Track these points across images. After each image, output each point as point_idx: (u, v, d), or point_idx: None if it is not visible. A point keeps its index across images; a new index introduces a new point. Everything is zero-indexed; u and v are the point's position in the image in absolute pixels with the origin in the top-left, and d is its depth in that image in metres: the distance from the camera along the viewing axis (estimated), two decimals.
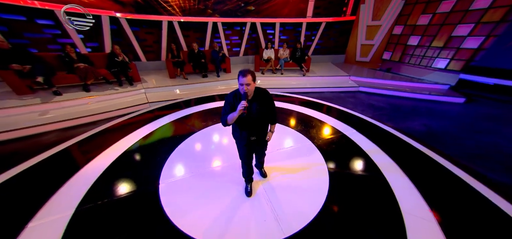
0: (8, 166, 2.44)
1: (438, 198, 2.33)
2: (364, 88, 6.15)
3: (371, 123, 4.08)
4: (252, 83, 1.61)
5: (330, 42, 8.83)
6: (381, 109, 5.02)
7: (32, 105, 3.75)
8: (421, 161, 3.01)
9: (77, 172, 2.45)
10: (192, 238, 1.81)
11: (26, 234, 1.75)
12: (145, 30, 6.38)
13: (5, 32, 4.65)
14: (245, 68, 1.58)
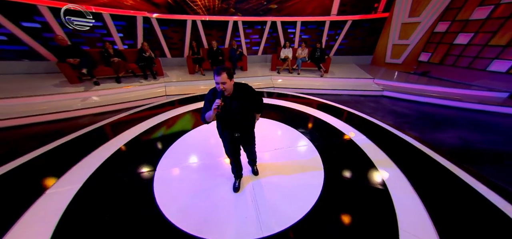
0: (47, 142, 2.94)
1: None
2: (389, 92, 5.50)
3: (388, 130, 3.64)
4: (228, 81, 1.55)
5: (356, 42, 8.12)
6: (405, 116, 4.43)
7: (77, 93, 4.44)
8: (444, 181, 2.55)
9: (95, 150, 2.82)
10: (171, 224, 1.91)
11: (43, 199, 2.09)
12: (172, 29, 6.88)
13: (69, 32, 5.60)
14: (219, 66, 1.55)
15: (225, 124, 1.84)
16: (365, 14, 7.47)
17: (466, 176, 2.56)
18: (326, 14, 7.49)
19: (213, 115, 1.61)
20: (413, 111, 4.71)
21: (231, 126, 1.84)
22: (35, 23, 5.23)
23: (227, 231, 1.87)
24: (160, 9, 6.43)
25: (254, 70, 6.99)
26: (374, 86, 5.87)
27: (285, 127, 3.65)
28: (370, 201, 2.23)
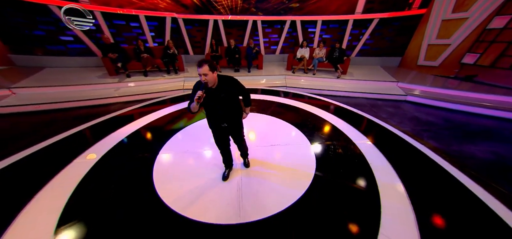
0: (80, 123, 3.51)
1: None
2: (413, 97, 4.91)
3: (399, 136, 3.29)
4: (210, 73, 1.63)
5: (383, 43, 7.41)
6: (428, 124, 3.92)
7: (113, 83, 5.18)
8: (457, 200, 2.22)
9: (115, 131, 3.28)
10: (161, 200, 2.13)
11: (71, 166, 2.55)
12: (196, 28, 7.36)
13: (113, 32, 6.54)
14: (202, 59, 1.65)
15: (211, 114, 1.93)
16: (396, 11, 6.74)
17: (493, 201, 2.17)
18: (351, 13, 7.01)
19: (195, 105, 1.69)
20: (440, 119, 4.12)
21: (217, 117, 1.92)
22: (91, 25, 6.26)
23: (208, 213, 2.00)
24: (188, 10, 6.95)
25: (270, 69, 7.01)
26: (397, 90, 5.30)
27: (286, 125, 3.62)
28: (355, 205, 2.09)
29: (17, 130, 3.42)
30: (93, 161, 2.63)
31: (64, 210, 1.98)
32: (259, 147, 3.00)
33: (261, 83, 5.89)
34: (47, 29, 5.95)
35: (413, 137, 3.29)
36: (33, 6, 5.42)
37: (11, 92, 4.39)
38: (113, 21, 6.48)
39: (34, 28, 5.85)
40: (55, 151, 2.85)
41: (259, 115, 3.95)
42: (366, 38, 7.28)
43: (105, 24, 6.27)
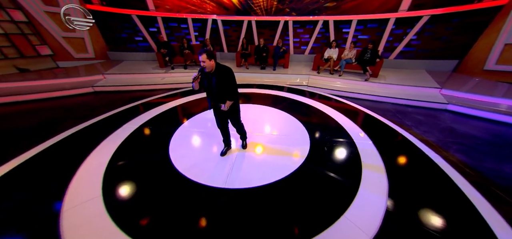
0: (128, 103, 4.53)
1: None
2: (456, 107, 4.11)
3: (418, 148, 2.92)
4: (208, 61, 2.00)
5: (435, 43, 6.29)
6: (464, 137, 3.31)
7: (160, 73, 6.35)
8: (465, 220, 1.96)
9: (154, 108, 4.13)
10: (171, 162, 2.68)
11: (121, 130, 3.43)
12: (233, 28, 8.06)
13: (168, 32, 7.95)
14: (203, 49, 2.05)
15: (208, 94, 2.30)
16: (460, 5, 5.58)
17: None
18: (394, 11, 6.26)
19: (195, 84, 2.09)
20: (485, 133, 3.37)
21: (213, 97, 2.29)
22: (154, 28, 7.81)
23: (202, 176, 2.41)
24: (229, 12, 7.69)
25: (296, 68, 7.03)
26: (437, 97, 4.51)
27: (292, 119, 3.73)
28: (333, 195, 2.12)
29: (102, 102, 4.72)
30: (133, 128, 3.46)
31: (112, 157, 2.77)
32: (260, 134, 3.26)
33: (283, 81, 6.01)
34: (128, 32, 7.76)
35: (431, 146, 2.89)
36: (122, 15, 7.21)
37: (103, 77, 6.02)
38: (169, 23, 7.85)
39: (122, 32, 7.74)
40: (114, 119, 3.85)
41: (269, 108, 4.17)
42: (410, 39, 6.36)
43: (163, 26, 7.68)
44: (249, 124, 3.19)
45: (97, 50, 7.70)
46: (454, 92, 4.53)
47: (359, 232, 1.74)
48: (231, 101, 2.28)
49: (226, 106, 2.28)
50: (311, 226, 1.80)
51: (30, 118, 3.87)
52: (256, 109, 4.17)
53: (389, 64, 6.78)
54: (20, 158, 2.64)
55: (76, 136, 3.23)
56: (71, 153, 2.80)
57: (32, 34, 6.20)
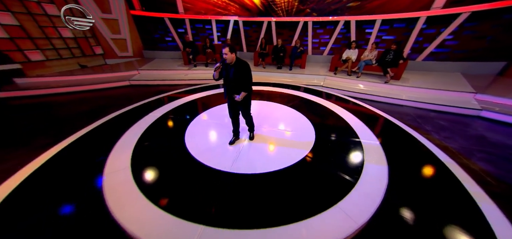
0: (156, 95, 5.14)
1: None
2: (492, 114, 3.67)
3: (435, 155, 2.76)
4: (230, 54, 2.27)
5: (476, 43, 5.58)
6: (495, 146, 3.01)
7: (184, 70, 6.97)
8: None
9: (173, 102, 4.63)
10: (186, 147, 3.04)
11: (147, 117, 3.96)
12: (253, 29, 8.34)
13: (193, 33, 8.65)
14: (226, 43, 2.32)
15: (225, 84, 2.56)
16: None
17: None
18: (426, 9, 5.74)
19: (215, 73, 2.41)
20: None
21: (229, 87, 2.55)
22: (182, 29, 8.59)
23: (211, 161, 2.70)
24: (251, 14, 8.01)
25: (313, 68, 6.99)
26: (469, 103, 4.07)
27: (300, 116, 3.82)
28: (331, 187, 2.19)
29: (136, 93, 5.46)
30: (158, 116, 3.97)
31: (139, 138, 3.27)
32: (267, 128, 3.45)
33: (298, 81, 6.05)
34: (160, 33, 8.70)
35: (447, 151, 2.70)
36: (156, 19, 8.13)
37: (138, 72, 6.91)
38: (195, 25, 8.53)
39: (155, 33, 8.71)
40: (144, 108, 4.44)
41: (280, 105, 4.31)
42: (443, 39, 5.77)
43: (189, 27, 8.37)
44: (258, 118, 3.39)
45: (135, 50, 8.78)
46: (493, 98, 4.02)
47: (349, 220, 1.81)
48: (245, 93, 2.51)
49: (240, 97, 2.52)
50: (305, 210, 1.93)
51: (84, 105, 4.71)
52: (267, 105, 4.35)
53: (417, 67, 6.26)
54: (75, 135, 3.30)
55: (115, 119, 3.86)
56: (111, 132, 3.38)
57: (91, 37, 7.40)
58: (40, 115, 4.15)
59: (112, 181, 2.35)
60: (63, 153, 2.88)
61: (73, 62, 6.95)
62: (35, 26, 5.88)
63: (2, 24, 5.25)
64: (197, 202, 2.08)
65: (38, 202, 2.11)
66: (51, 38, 6.28)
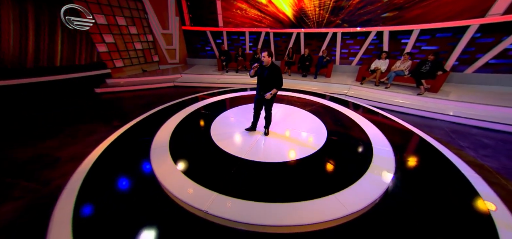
0: (191, 95, 6.00)
1: None
2: None
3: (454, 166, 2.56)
4: (267, 58, 2.72)
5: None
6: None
7: (217, 75, 7.86)
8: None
9: (210, 98, 5.35)
10: (211, 137, 3.58)
11: (178, 114, 4.74)
12: (283, 39, 8.79)
13: (229, 43, 9.68)
14: (265, 48, 2.79)
15: (258, 82, 3.02)
16: None
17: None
18: (480, 16, 5.11)
19: (252, 71, 2.89)
20: None
21: (261, 85, 2.99)
22: (219, 39, 9.74)
23: (229, 148, 3.14)
24: (283, 25, 8.52)
25: (339, 78, 6.91)
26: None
27: (315, 119, 3.95)
28: (332, 181, 2.33)
29: (178, 93, 6.53)
30: (192, 110, 4.70)
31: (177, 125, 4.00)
32: (283, 126, 3.72)
33: (322, 89, 6.11)
34: (201, 43, 10.06)
35: (479, 169, 2.43)
36: (200, 32, 9.51)
37: (181, 76, 8.18)
38: (231, 36, 9.54)
39: (198, 43, 10.13)
40: (183, 104, 5.30)
41: (298, 109, 4.52)
42: (504, 48, 4.96)
43: (226, 38, 9.41)
44: (275, 117, 3.71)
45: (181, 57, 10.31)
46: None
47: (341, 206, 1.95)
48: (276, 90, 2.91)
49: (270, 94, 2.91)
50: (304, 195, 2.14)
51: (142, 99, 5.93)
52: (286, 108, 4.62)
53: (466, 79, 5.51)
54: (135, 120, 4.25)
55: (162, 111, 4.76)
56: (158, 119, 4.23)
57: (153, 48, 9.19)
58: (116, 105, 5.46)
59: (156, 151, 3.04)
60: (128, 131, 3.79)
61: (138, 68, 8.69)
62: (122, 42, 7.77)
63: (106, 42, 7.24)
64: (214, 177, 2.52)
65: (115, 157, 2.94)
66: (129, 50, 8.12)
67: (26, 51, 5.44)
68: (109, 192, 2.34)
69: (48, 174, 2.70)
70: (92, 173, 2.63)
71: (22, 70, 5.42)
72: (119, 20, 7.53)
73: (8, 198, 2.27)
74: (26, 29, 5.35)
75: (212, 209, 2.01)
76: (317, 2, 7.52)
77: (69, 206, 2.12)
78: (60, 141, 3.50)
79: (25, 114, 4.64)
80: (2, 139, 3.54)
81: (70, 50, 6.34)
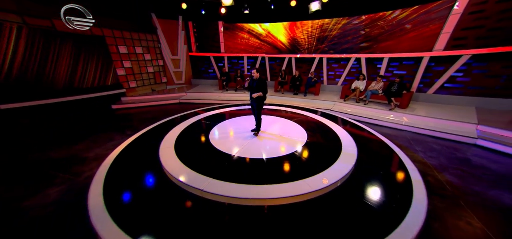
0: (189, 109, 6.80)
1: None
2: (488, 143, 3.72)
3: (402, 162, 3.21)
4: (256, 73, 3.70)
5: (488, 81, 5.54)
6: (475, 167, 3.20)
7: (218, 93, 8.75)
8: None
9: (210, 112, 6.10)
10: (210, 140, 4.26)
11: (181, 124, 5.48)
12: (277, 63, 9.89)
13: (229, 66, 10.81)
14: (256, 68, 3.66)
15: (249, 89, 3.89)
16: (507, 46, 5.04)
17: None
18: (428, 50, 6.18)
19: (246, 83, 3.82)
20: (504, 169, 3.04)
21: (251, 91, 3.85)
22: (221, 63, 10.89)
23: (223, 146, 3.80)
24: (279, 51, 9.64)
25: (325, 96, 7.77)
26: (469, 132, 4.14)
27: (299, 128, 4.65)
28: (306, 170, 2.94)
29: (182, 109, 7.34)
30: (194, 121, 5.43)
31: (181, 132, 4.69)
32: (274, 131, 4.41)
33: (310, 105, 6.91)
34: (205, 66, 11.20)
35: (420, 165, 3.07)
36: (205, 57, 10.71)
37: (185, 94, 9.08)
38: (231, 60, 10.70)
39: (202, 66, 11.28)
40: (186, 116, 6.06)
41: (286, 120, 5.24)
42: (455, 75, 5.89)
43: (227, 62, 10.55)
44: (265, 125, 4.42)
45: (187, 79, 11.36)
46: (493, 129, 4.02)
47: (306, 185, 2.57)
48: (261, 94, 3.77)
49: (257, 94, 3.78)
50: (279, 180, 2.76)
51: (150, 113, 6.70)
52: (277, 119, 5.34)
53: (430, 99, 6.36)
54: (144, 129, 4.97)
55: (168, 123, 5.48)
56: (164, 128, 4.93)
57: (162, 71, 10.29)
58: (128, 118, 6.22)
59: (164, 151, 3.69)
60: (139, 138, 4.48)
61: (148, 88, 9.66)
62: (137, 66, 8.90)
63: (125, 67, 8.38)
64: (209, 167, 3.14)
65: (128, 158, 3.58)
66: (142, 73, 9.21)
67: (74, 77, 6.82)
68: (126, 179, 2.97)
69: (79, 168, 3.33)
70: (112, 167, 3.27)
71: (70, 90, 6.71)
72: (137, 49, 8.79)
73: (53, 184, 2.89)
74: (77, 61, 6.78)
75: (208, 188, 2.62)
76: (305, 33, 8.76)
77: (99, 187, 2.74)
78: (86, 145, 4.18)
79: (60, 125, 5.42)
80: (45, 143, 4.28)
81: (100, 74, 7.48)
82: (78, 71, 6.88)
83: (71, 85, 6.77)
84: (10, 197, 2.65)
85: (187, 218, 2.30)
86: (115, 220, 2.21)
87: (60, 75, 6.45)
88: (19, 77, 5.61)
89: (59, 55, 6.33)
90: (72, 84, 6.79)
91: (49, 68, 6.18)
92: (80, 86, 6.99)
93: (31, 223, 2.23)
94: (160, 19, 9.51)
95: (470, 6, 5.38)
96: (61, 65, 6.43)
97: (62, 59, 6.40)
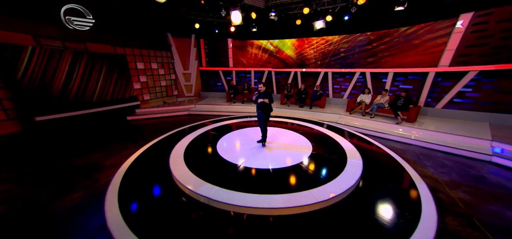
0: (199, 121, 7.03)
1: None
2: (505, 160, 3.57)
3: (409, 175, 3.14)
4: (262, 87, 3.90)
5: (500, 97, 5.39)
6: (493, 185, 3.06)
7: (226, 105, 9.00)
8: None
9: (217, 123, 6.28)
10: (216, 150, 4.37)
11: (191, 134, 5.66)
12: (283, 77, 10.13)
13: (237, 80, 11.19)
14: (262, 82, 3.87)
15: (258, 104, 4.01)
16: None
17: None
18: (433, 66, 6.19)
19: (254, 96, 3.99)
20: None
21: (258, 105, 4.00)
22: (229, 77, 11.32)
23: (229, 155, 3.88)
24: (289, 65, 9.92)
25: (331, 109, 7.78)
26: (483, 148, 3.98)
27: (305, 139, 4.68)
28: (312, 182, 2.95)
29: (192, 119, 7.59)
30: (202, 132, 5.60)
31: (190, 142, 4.85)
32: (280, 142, 4.46)
33: (316, 117, 6.95)
34: (214, 80, 11.67)
35: (431, 180, 2.99)
36: (214, 71, 11.21)
37: (194, 106, 9.43)
38: (239, 74, 11.09)
39: (211, 80, 11.76)
40: (195, 127, 6.26)
41: (292, 132, 5.29)
42: (464, 91, 5.80)
43: (235, 76, 10.94)
44: (272, 137, 4.49)
45: (196, 91, 11.82)
46: (509, 147, 3.85)
47: (311, 196, 2.57)
48: (267, 100, 3.93)
49: (261, 100, 3.94)
50: (285, 191, 2.78)
51: (161, 124, 7.00)
52: (281, 130, 5.41)
53: (439, 114, 6.23)
54: (156, 139, 5.19)
55: (178, 133, 5.69)
56: (175, 138, 5.12)
57: (174, 84, 10.84)
58: (142, 129, 6.54)
59: (174, 159, 3.83)
60: (151, 147, 4.68)
61: (160, 100, 10.15)
62: (152, 81, 9.49)
63: (140, 81, 8.98)
64: (217, 176, 3.22)
65: (142, 165, 3.75)
66: (156, 87, 9.77)
67: (97, 91, 7.44)
68: (138, 185, 3.10)
69: (97, 175, 3.53)
70: (126, 174, 3.43)
71: (89, 103, 7.24)
72: (152, 65, 9.43)
73: (76, 189, 3.09)
74: (102, 77, 7.48)
75: (215, 196, 2.68)
76: (312, 49, 9.04)
77: (115, 191, 2.89)
78: (104, 153, 4.43)
79: (81, 135, 5.80)
80: (68, 151, 4.62)
81: (119, 88, 8.09)
82: (101, 86, 7.47)
83: (98, 98, 7.46)
84: (44, 197, 2.92)
85: (194, 225, 2.36)
86: (128, 224, 2.32)
87: (88, 90, 7.11)
88: (61, 93, 6.38)
89: (91, 72, 7.11)
90: (100, 97, 7.50)
91: (84, 84, 6.99)
92: (102, 99, 7.56)
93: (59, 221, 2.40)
94: (174, 38, 10.20)
95: (471, 25, 5.44)
96: (91, 81, 7.14)
97: (91, 75, 7.13)
